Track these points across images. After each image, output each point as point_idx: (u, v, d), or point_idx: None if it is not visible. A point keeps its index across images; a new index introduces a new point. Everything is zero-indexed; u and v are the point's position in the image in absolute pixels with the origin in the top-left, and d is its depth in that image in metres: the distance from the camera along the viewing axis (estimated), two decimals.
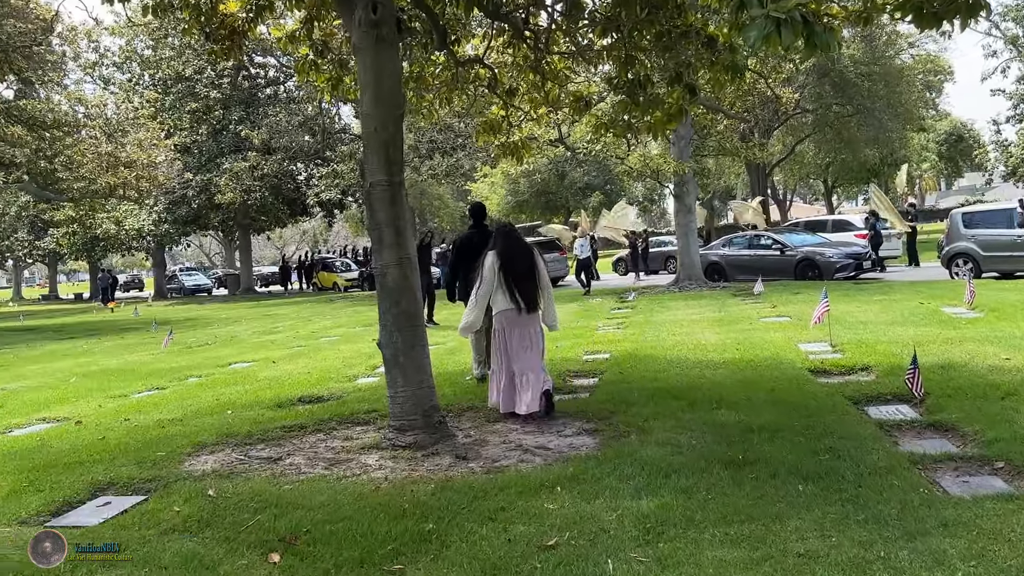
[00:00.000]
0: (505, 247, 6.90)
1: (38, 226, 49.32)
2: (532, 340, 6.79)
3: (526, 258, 6.89)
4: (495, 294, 6.82)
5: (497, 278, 6.77)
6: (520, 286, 6.77)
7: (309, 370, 10.34)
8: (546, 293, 6.98)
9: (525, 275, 6.81)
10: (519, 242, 7.08)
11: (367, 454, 5.88)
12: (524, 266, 6.83)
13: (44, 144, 21.83)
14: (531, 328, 6.81)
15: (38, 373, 12.19)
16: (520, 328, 6.76)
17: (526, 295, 6.77)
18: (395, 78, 6.07)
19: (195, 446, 6.28)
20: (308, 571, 3.76)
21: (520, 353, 6.72)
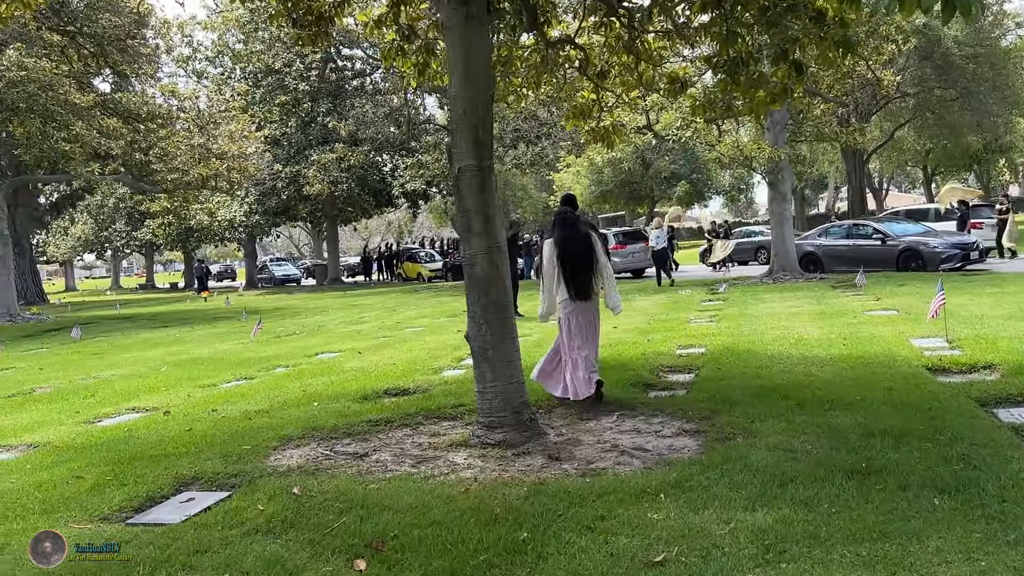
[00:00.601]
0: (560, 235, 6.93)
1: (135, 217, 51.12)
2: (590, 327, 6.89)
3: (579, 244, 6.88)
4: (556, 282, 6.87)
5: (555, 266, 6.85)
6: (573, 274, 6.83)
7: (395, 361, 10.19)
8: (606, 278, 7.00)
9: (578, 262, 6.84)
10: (574, 229, 7.03)
11: (455, 452, 5.62)
12: (577, 253, 6.84)
13: (139, 136, 22.38)
14: (589, 315, 6.90)
15: (130, 362, 12.39)
16: (579, 315, 6.83)
17: (578, 283, 6.83)
18: (484, 58, 5.78)
19: (281, 440, 6.13)
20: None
21: (578, 340, 6.78)
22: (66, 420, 7.73)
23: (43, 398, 9.21)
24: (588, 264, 6.91)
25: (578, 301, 6.84)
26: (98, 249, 63.60)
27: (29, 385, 10.36)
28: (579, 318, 6.84)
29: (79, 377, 10.82)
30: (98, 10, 20.61)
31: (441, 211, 60.61)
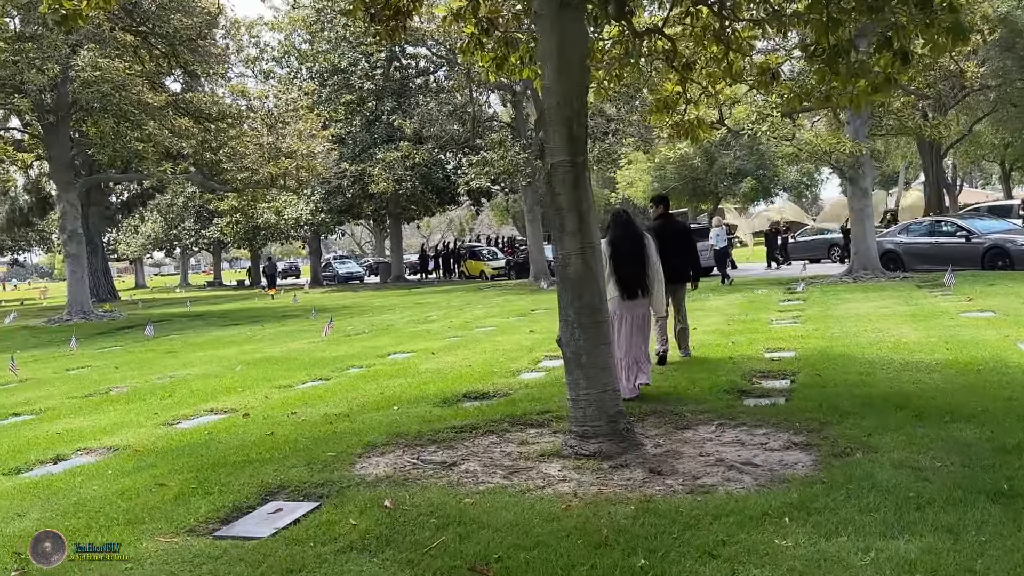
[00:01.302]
0: (614, 235, 7.19)
1: (203, 216, 52.07)
2: (639, 327, 7.18)
3: (631, 244, 7.13)
4: (609, 280, 6.98)
5: (609, 264, 6.98)
6: (623, 273, 7.10)
7: (470, 363, 9.95)
8: (655, 279, 7.25)
9: (629, 261, 7.07)
10: (628, 228, 7.26)
11: (547, 462, 5.34)
12: (629, 252, 7.09)
13: (209, 136, 22.62)
14: (638, 313, 7.20)
15: (204, 361, 12.40)
16: (628, 314, 7.13)
17: (626, 282, 7.11)
18: (580, 47, 5.48)
19: (365, 446, 5.92)
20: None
21: (628, 340, 7.08)
22: (145, 422, 7.65)
23: (120, 398, 9.20)
24: (639, 264, 7.17)
25: (627, 300, 7.14)
26: (167, 247, 65.01)
27: (105, 384, 10.38)
28: (628, 317, 7.14)
29: (155, 376, 10.82)
30: (169, 10, 20.84)
31: (502, 209, 60.51)
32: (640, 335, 7.22)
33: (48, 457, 6.49)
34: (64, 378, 11.40)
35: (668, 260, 7.93)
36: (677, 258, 8.69)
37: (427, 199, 37.48)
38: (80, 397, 9.51)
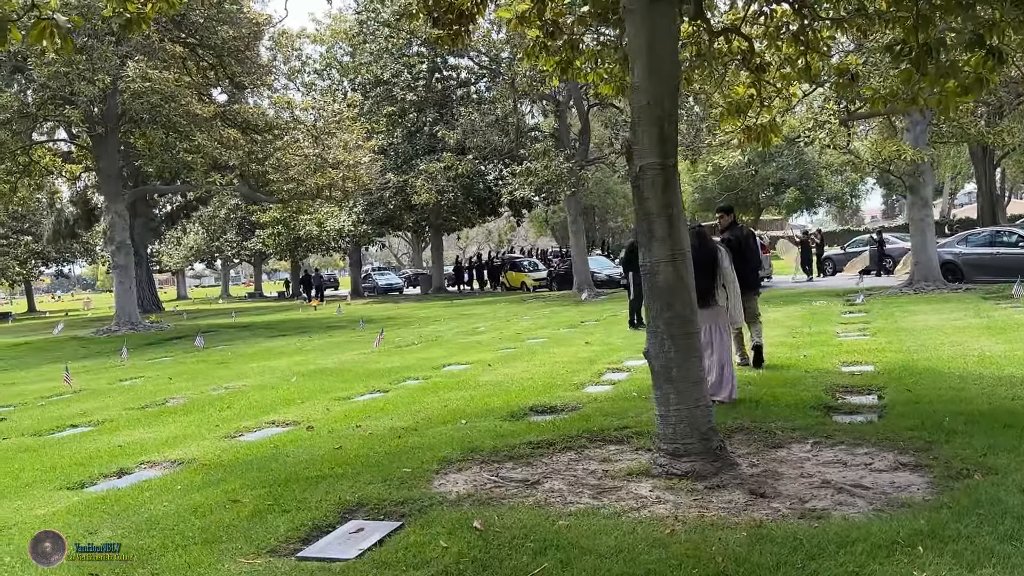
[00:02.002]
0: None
1: (245, 227, 52.50)
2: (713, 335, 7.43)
3: (701, 254, 7.12)
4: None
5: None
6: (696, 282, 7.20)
7: (530, 375, 9.69)
8: (729, 290, 7.53)
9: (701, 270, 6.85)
10: (700, 240, 7.54)
11: (636, 482, 5.05)
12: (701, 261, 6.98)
13: (256, 147, 22.66)
14: (712, 323, 7.46)
15: (258, 372, 12.26)
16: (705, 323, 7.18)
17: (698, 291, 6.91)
18: (671, 44, 5.22)
19: (440, 462, 5.67)
20: None
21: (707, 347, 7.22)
22: (207, 434, 7.48)
23: (178, 410, 9.06)
24: (710, 275, 7.47)
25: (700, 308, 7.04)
26: (208, 258, 65.66)
27: (161, 396, 10.27)
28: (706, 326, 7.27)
29: (210, 387, 10.69)
30: (218, 22, 20.94)
31: (541, 220, 60.29)
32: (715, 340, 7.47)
33: (112, 471, 6.33)
34: (119, 389, 11.32)
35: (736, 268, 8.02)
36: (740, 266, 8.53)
37: (468, 210, 37.36)
38: (137, 408, 9.39)
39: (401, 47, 35.04)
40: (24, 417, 9.34)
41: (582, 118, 28.46)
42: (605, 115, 29.53)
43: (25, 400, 10.82)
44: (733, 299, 7.61)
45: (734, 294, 7.62)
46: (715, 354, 7.37)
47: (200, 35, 21.31)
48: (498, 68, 30.47)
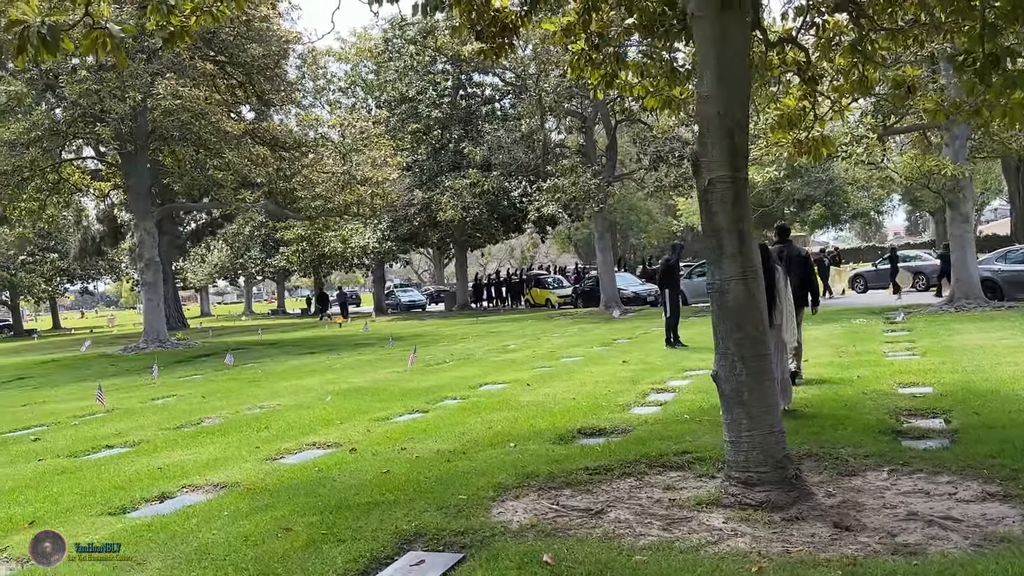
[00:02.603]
0: None
1: (269, 244, 52.61)
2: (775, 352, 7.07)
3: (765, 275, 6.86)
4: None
5: None
6: None
7: (573, 395, 9.44)
8: (784, 309, 7.49)
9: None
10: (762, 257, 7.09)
11: (707, 512, 4.79)
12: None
13: (284, 164, 22.63)
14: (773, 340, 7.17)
15: (291, 390, 12.08)
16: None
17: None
18: (742, 51, 5.01)
19: (496, 488, 5.44)
20: None
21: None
22: (247, 456, 7.29)
23: (214, 430, 8.88)
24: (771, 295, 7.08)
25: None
26: (231, 275, 65.91)
27: (196, 415, 10.09)
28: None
29: (245, 407, 10.52)
30: (247, 39, 20.95)
31: (564, 237, 60.07)
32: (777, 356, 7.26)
33: (153, 495, 6.14)
34: (152, 408, 11.17)
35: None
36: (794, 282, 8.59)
37: (492, 227, 37.22)
38: (172, 428, 9.22)
39: (426, 64, 35.11)
40: (58, 437, 9.18)
41: (609, 134, 28.28)
42: (632, 131, 29.32)
43: (58, 419, 10.69)
44: (788, 319, 7.61)
45: (789, 314, 7.62)
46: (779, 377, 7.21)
47: (230, 53, 21.34)
48: (524, 85, 30.36)
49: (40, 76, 20.06)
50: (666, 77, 8.43)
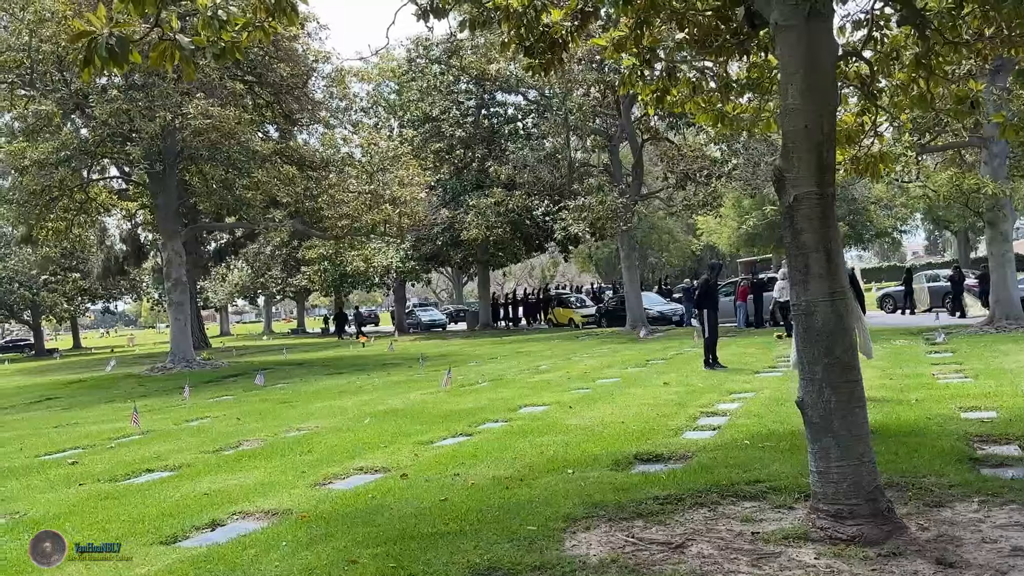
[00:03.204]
0: None
1: (290, 264, 52.68)
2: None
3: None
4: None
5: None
6: None
7: (620, 419, 9.19)
8: (859, 326, 7.83)
9: None
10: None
11: (796, 547, 4.54)
12: None
13: (311, 184, 22.57)
14: None
15: (326, 412, 11.89)
16: None
17: None
18: (830, 62, 4.80)
19: (564, 519, 5.21)
20: None
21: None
22: (295, 481, 7.08)
23: (256, 454, 8.69)
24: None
25: None
26: (251, 295, 66.06)
27: (234, 438, 9.91)
28: None
29: (283, 429, 10.32)
30: (276, 59, 20.96)
31: (584, 256, 59.90)
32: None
33: (203, 522, 5.94)
34: (187, 430, 11.00)
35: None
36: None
37: (515, 246, 37.10)
38: (212, 452, 9.04)
39: (449, 84, 35.13)
40: (96, 460, 9.01)
41: (635, 152, 28.11)
42: (659, 149, 29.14)
43: (93, 442, 10.53)
44: (864, 336, 8.11)
45: (863, 329, 8.14)
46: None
47: (258, 72, 21.35)
48: (549, 103, 30.27)
49: (69, 96, 20.11)
50: (719, 93, 8.28)
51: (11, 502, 7.13)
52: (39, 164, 19.96)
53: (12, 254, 47.84)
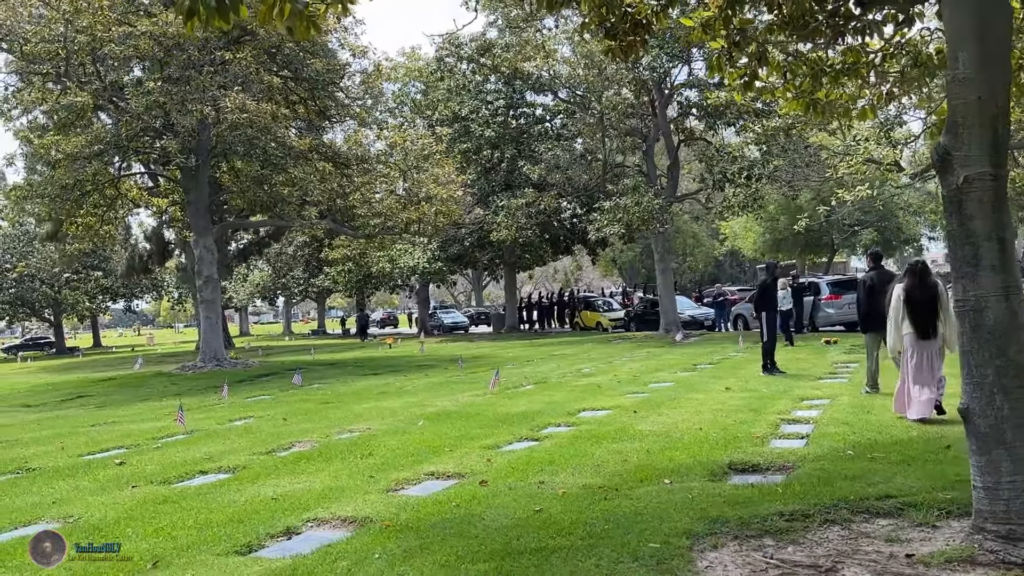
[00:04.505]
0: (910, 283, 8.40)
1: (312, 264, 52.36)
2: (930, 360, 8.29)
3: (926, 291, 8.32)
4: (902, 320, 8.40)
5: (902, 307, 8.38)
6: (917, 316, 8.31)
7: (697, 425, 8.67)
8: (948, 321, 8.09)
9: (923, 306, 8.29)
10: (922, 278, 8.38)
11: (962, 572, 4.02)
12: (923, 298, 8.30)
13: (345, 181, 22.15)
14: (929, 350, 8.32)
15: (374, 413, 11.43)
16: (919, 349, 8.32)
17: (921, 324, 8.30)
18: (1006, 29, 4.28)
19: (685, 535, 4.71)
20: None
21: (917, 370, 8.28)
22: (364, 487, 6.61)
23: (313, 455, 8.23)
24: (932, 310, 8.32)
25: (920, 339, 8.32)
26: (271, 295, 65.81)
27: (285, 439, 9.45)
28: (920, 352, 8.32)
29: (334, 431, 9.86)
30: (312, 54, 20.56)
31: (609, 259, 59.30)
32: (931, 367, 8.30)
33: (277, 530, 5.47)
34: (233, 430, 10.55)
35: (877, 306, 9.55)
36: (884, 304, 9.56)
37: (542, 248, 36.61)
38: (264, 453, 8.59)
39: (479, 83, 34.70)
40: (144, 461, 8.58)
41: (671, 153, 27.57)
42: (695, 149, 28.58)
43: (136, 441, 10.10)
44: (952, 330, 8.01)
45: (952, 325, 7.92)
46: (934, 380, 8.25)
47: (294, 68, 20.96)
48: (583, 102, 29.74)
49: (104, 89, 19.76)
50: (811, 79, 7.80)
51: (63, 505, 6.69)
52: (71, 157, 19.62)
53: (35, 252, 47.74)
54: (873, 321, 9.86)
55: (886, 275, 10.40)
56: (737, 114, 24.04)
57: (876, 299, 9.73)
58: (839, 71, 7.80)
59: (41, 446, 10.26)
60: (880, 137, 17.27)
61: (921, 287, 8.30)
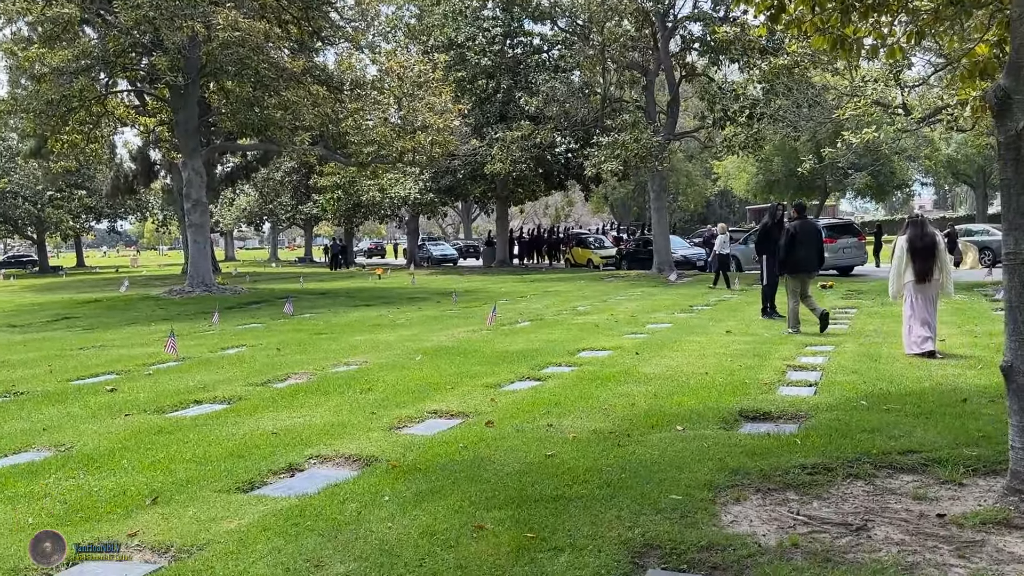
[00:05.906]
0: (912, 233, 9.08)
1: (300, 191, 51.67)
2: (927, 302, 8.98)
3: (925, 240, 9.00)
4: (905, 268, 9.07)
5: (905, 256, 9.06)
6: (918, 261, 8.99)
7: (702, 369, 8.53)
8: (945, 268, 9.03)
9: (924, 253, 8.97)
10: (923, 228, 9.11)
11: (999, 535, 3.89)
12: (923, 246, 8.98)
13: (339, 106, 21.56)
14: (929, 293, 9.01)
15: (369, 346, 11.25)
16: (919, 293, 8.98)
17: (920, 269, 8.97)
18: None
19: (706, 487, 4.56)
20: None
21: (919, 310, 8.95)
22: (366, 423, 6.44)
23: (311, 388, 8.05)
24: (932, 255, 8.99)
25: (918, 284, 8.98)
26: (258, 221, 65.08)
27: (280, 370, 9.28)
28: (919, 295, 8.98)
29: (329, 363, 9.68)
30: None
31: (600, 196, 58.87)
32: (931, 306, 9.02)
33: (279, 466, 5.30)
34: (226, 359, 10.35)
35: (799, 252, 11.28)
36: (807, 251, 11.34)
37: (535, 182, 36.16)
38: (260, 384, 8.42)
39: (476, 10, 33.77)
40: (136, 388, 8.37)
41: (671, 89, 27.04)
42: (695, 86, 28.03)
43: (126, 367, 9.89)
44: (947, 276, 9.11)
45: (948, 272, 9.14)
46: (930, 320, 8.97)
47: None
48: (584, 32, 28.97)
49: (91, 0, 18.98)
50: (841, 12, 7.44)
51: (54, 432, 6.49)
52: (57, 72, 18.95)
53: (17, 168, 46.80)
54: (795, 266, 11.33)
55: (809, 225, 11.66)
56: (742, 50, 23.47)
57: (798, 247, 11.29)
58: (869, 6, 7.43)
59: (29, 368, 10.04)
60: (888, 79, 16.92)
61: (922, 236, 9.05)
